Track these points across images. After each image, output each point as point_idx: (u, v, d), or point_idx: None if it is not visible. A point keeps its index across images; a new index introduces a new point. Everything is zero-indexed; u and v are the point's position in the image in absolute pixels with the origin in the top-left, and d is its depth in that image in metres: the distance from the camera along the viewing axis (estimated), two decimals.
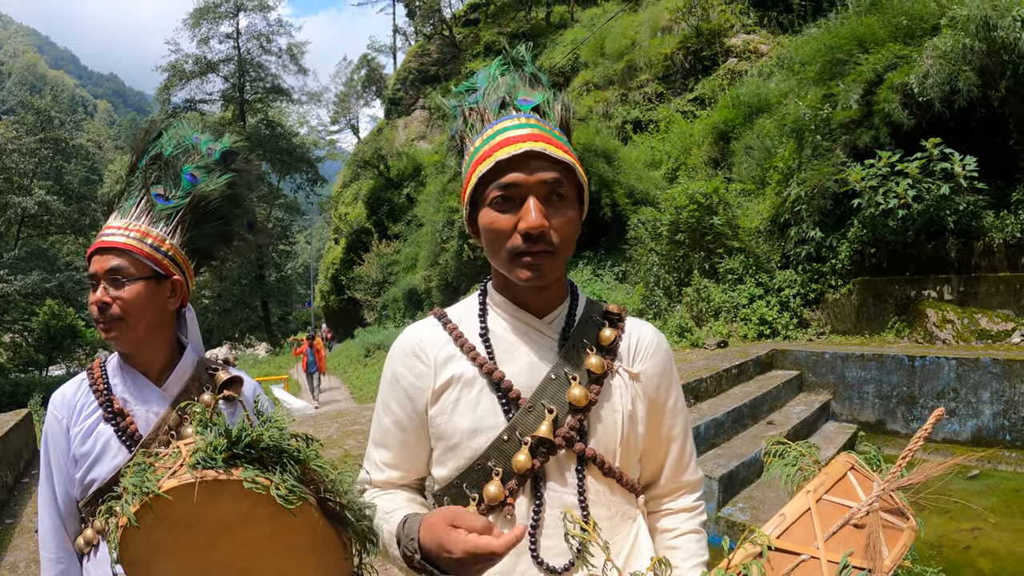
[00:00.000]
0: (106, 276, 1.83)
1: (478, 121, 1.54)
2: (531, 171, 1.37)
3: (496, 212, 1.40)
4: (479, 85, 1.61)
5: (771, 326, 10.99)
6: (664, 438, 1.62)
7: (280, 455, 1.15)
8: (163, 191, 1.97)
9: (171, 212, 1.95)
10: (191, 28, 48.48)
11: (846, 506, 1.06)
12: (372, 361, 24.43)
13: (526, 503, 1.44)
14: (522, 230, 1.36)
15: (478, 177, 1.42)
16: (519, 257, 1.39)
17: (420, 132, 39.03)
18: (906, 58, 10.15)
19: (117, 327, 1.83)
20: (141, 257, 1.85)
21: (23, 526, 6.07)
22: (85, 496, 1.86)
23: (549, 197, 1.39)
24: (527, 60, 1.61)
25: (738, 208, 12.50)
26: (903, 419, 8.17)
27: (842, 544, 1.01)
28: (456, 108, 1.63)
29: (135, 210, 1.92)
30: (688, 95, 18.91)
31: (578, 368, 1.49)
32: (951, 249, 9.59)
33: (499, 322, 1.55)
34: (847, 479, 1.11)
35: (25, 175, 35.62)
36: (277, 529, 1.16)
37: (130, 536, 1.11)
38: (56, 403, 1.93)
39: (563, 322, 1.56)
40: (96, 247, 1.86)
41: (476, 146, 1.48)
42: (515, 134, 1.41)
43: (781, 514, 1.07)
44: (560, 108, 1.55)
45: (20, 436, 8.13)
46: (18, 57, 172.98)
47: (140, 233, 1.88)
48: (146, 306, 1.86)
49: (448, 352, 1.53)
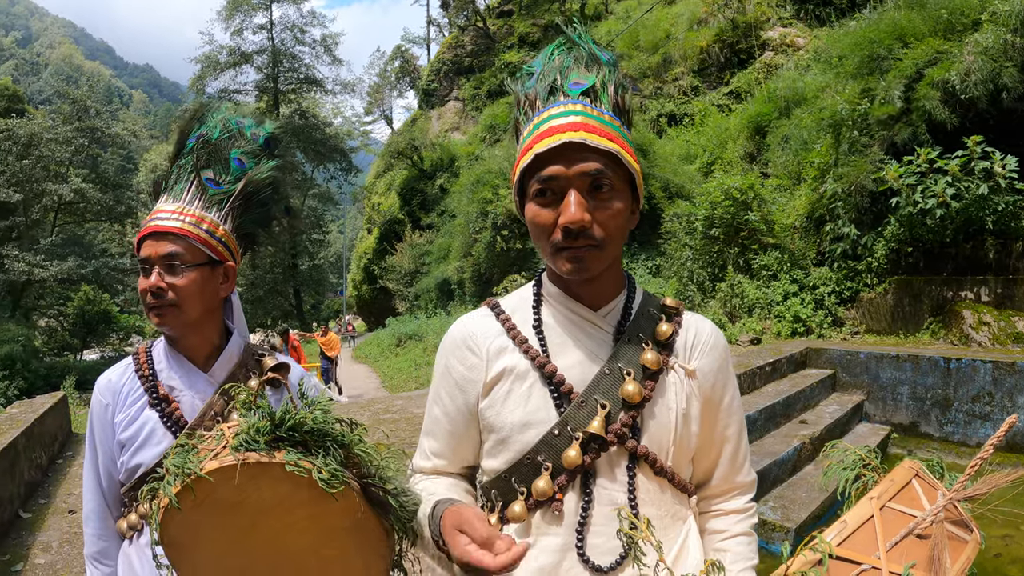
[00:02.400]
0: (161, 261, 1.79)
1: (529, 108, 1.49)
2: (571, 163, 1.32)
3: (538, 206, 1.37)
4: (536, 68, 1.55)
5: (805, 324, 10.89)
6: (718, 438, 1.57)
7: (323, 439, 1.15)
8: (213, 175, 1.95)
9: (222, 197, 1.93)
10: (225, 20, 48.94)
11: (910, 515, 1.03)
12: (403, 351, 24.52)
13: (575, 499, 1.41)
14: (561, 225, 1.32)
15: (520, 171, 1.40)
16: (561, 251, 1.35)
17: (454, 123, 39.14)
18: (946, 53, 9.98)
19: (170, 313, 1.81)
20: (197, 243, 1.83)
21: (56, 506, 6.17)
22: (130, 480, 1.85)
23: (592, 189, 1.34)
24: (583, 37, 1.53)
25: (773, 204, 12.38)
26: (937, 422, 8.05)
27: (904, 554, 0.98)
28: (515, 94, 1.57)
29: (187, 194, 1.89)
30: (724, 88, 18.78)
31: (632, 363, 1.45)
32: (989, 250, 9.42)
33: (553, 314, 1.52)
34: (911, 486, 1.08)
35: (62, 163, 36.17)
36: (318, 513, 1.16)
37: (171, 517, 1.12)
38: (101, 388, 1.91)
39: (618, 315, 1.51)
40: (149, 231, 1.82)
41: (523, 136, 1.44)
42: (557, 124, 1.36)
43: (843, 520, 1.04)
44: (614, 88, 1.47)
45: (55, 418, 8.27)
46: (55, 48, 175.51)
47: (195, 218, 1.85)
48: (200, 293, 1.83)
49: (500, 344, 1.51)
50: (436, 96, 41.91)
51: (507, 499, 1.47)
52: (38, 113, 39.56)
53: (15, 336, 26.72)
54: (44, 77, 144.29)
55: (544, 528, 1.42)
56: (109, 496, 1.92)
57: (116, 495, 1.92)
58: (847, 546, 0.99)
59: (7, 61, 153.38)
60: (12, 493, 5.80)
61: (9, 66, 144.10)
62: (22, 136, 33.42)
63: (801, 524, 5.54)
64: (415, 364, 20.83)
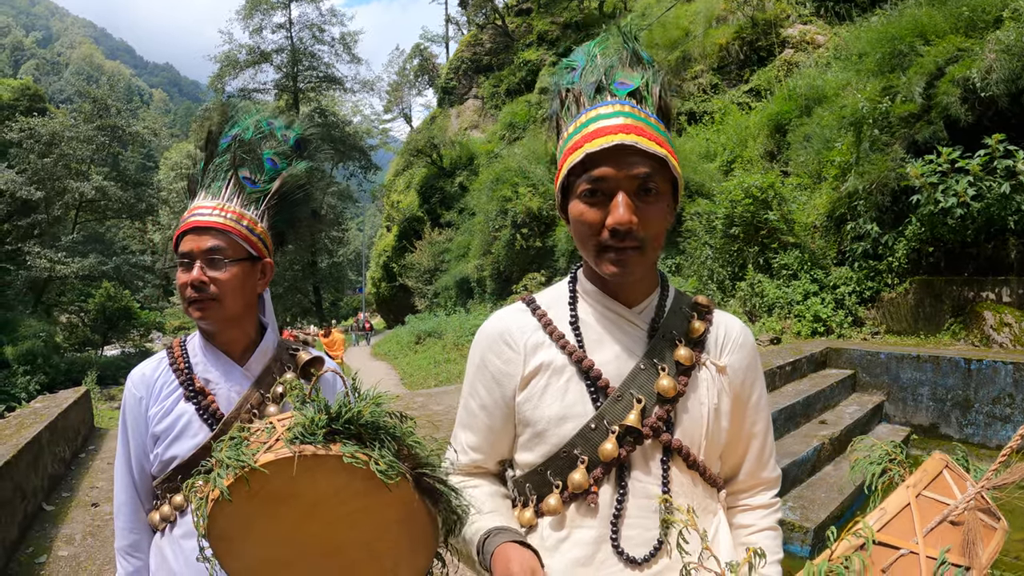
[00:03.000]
0: (203, 256, 1.82)
1: (573, 104, 1.50)
2: (621, 166, 1.34)
3: (585, 205, 1.38)
4: (577, 64, 1.56)
5: (825, 324, 10.84)
6: (746, 434, 1.61)
7: (377, 431, 1.17)
8: (249, 174, 1.99)
9: (259, 196, 1.97)
10: (244, 19, 49.17)
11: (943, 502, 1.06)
12: (422, 348, 24.57)
13: (610, 492, 1.44)
14: (609, 226, 1.34)
15: (568, 167, 1.41)
16: (605, 252, 1.38)
17: (473, 121, 39.14)
18: (968, 51, 9.88)
19: (212, 307, 1.83)
20: (238, 238, 1.86)
21: (79, 499, 6.24)
22: (164, 472, 1.87)
23: (639, 192, 1.36)
24: (630, 36, 1.55)
25: (793, 202, 12.32)
26: (957, 423, 7.99)
27: (938, 540, 1.01)
28: (555, 88, 1.59)
29: (225, 191, 1.93)
30: (743, 86, 18.65)
31: (666, 359, 1.47)
32: (1011, 250, 9.31)
33: (589, 310, 1.54)
34: (943, 476, 1.11)
35: (83, 161, 36.56)
36: (370, 505, 1.18)
37: (220, 510, 1.13)
38: (135, 381, 1.94)
39: (652, 312, 1.54)
40: (191, 226, 1.85)
41: (569, 132, 1.45)
42: (608, 124, 1.37)
43: (882, 508, 1.06)
44: (659, 91, 1.49)
45: (78, 413, 8.36)
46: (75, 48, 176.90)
47: (235, 214, 1.89)
48: (241, 288, 1.87)
49: (537, 339, 1.53)
50: (455, 94, 41.92)
51: (542, 492, 1.50)
52: (59, 112, 39.98)
53: (37, 332, 27.04)
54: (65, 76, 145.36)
55: (579, 520, 1.45)
56: (141, 489, 1.95)
57: (148, 487, 1.95)
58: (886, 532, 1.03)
59: (28, 61, 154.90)
60: (36, 486, 5.88)
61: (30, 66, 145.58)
62: (44, 135, 33.82)
63: (820, 524, 5.52)
64: (434, 361, 20.87)
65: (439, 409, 7.74)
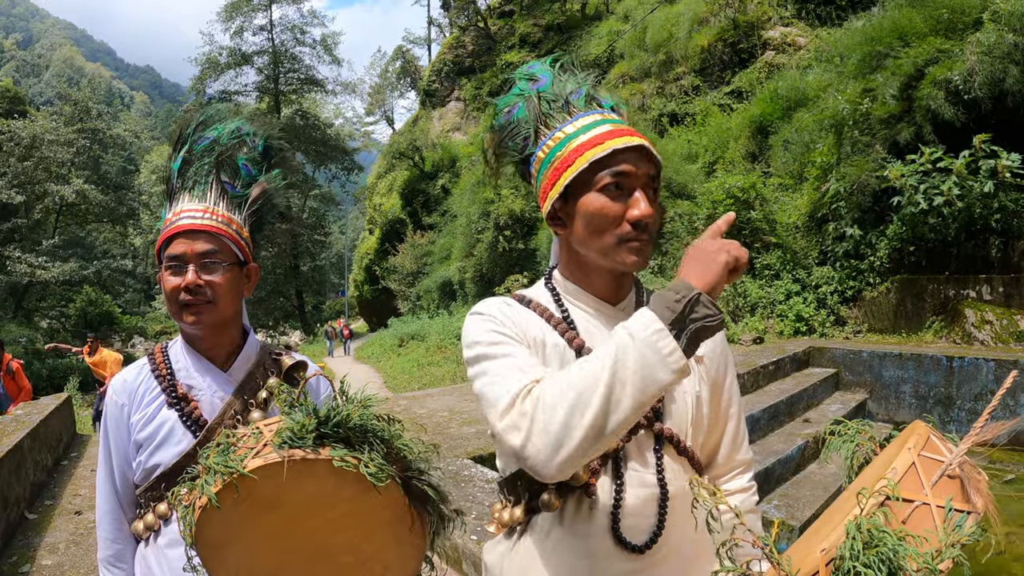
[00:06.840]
0: (197, 259, 1.79)
1: (559, 111, 1.56)
2: (639, 164, 1.43)
3: (607, 198, 1.42)
4: (540, 76, 1.66)
5: (808, 323, 10.91)
6: (722, 416, 1.66)
7: (366, 434, 1.16)
8: (229, 179, 1.97)
9: (240, 201, 1.96)
10: (225, 21, 48.96)
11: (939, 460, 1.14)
12: (405, 351, 24.46)
13: (608, 483, 1.45)
14: (634, 218, 1.40)
15: (589, 162, 1.43)
16: (627, 243, 1.43)
17: (455, 124, 39.13)
18: (948, 52, 9.98)
19: (207, 311, 1.80)
20: (229, 242, 1.85)
21: (62, 507, 6.17)
22: (147, 481, 1.84)
23: (647, 190, 1.44)
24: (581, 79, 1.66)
25: (775, 203, 12.39)
26: (939, 420, 8.00)
27: (941, 491, 1.10)
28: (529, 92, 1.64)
29: (210, 195, 1.91)
30: (725, 88, 18.75)
31: None
32: (992, 248, 9.41)
33: (574, 310, 1.57)
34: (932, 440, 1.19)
35: (63, 165, 36.28)
36: (358, 508, 1.17)
37: (208, 517, 1.12)
38: (116, 389, 1.90)
39: (633, 308, 1.58)
40: (182, 229, 1.82)
41: (569, 133, 1.50)
42: (620, 127, 1.47)
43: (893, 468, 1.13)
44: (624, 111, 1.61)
45: (60, 420, 8.26)
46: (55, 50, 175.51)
47: (224, 218, 1.87)
48: (233, 291, 1.85)
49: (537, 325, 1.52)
50: (437, 96, 41.90)
51: (535, 489, 1.50)
52: (40, 115, 39.60)
53: (17, 337, 26.80)
54: (45, 79, 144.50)
55: (578, 513, 1.46)
56: (123, 497, 1.91)
57: (131, 496, 1.91)
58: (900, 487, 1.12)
59: (8, 63, 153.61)
60: (18, 494, 5.81)
61: (10, 67, 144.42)
62: (24, 138, 33.52)
63: (806, 522, 5.54)
64: (418, 364, 20.79)
65: (423, 412, 7.70)
